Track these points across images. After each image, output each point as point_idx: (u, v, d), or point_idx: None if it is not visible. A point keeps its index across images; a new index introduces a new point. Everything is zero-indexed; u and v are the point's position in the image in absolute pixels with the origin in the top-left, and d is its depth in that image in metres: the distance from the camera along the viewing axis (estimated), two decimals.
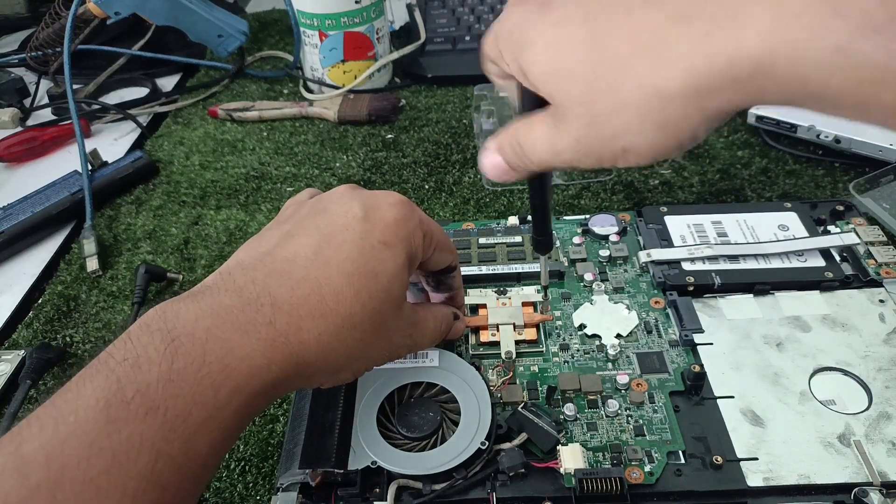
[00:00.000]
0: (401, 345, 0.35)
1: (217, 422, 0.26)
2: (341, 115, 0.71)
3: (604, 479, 0.33)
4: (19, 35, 0.94)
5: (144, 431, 0.24)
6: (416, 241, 0.33)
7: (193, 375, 0.26)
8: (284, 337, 0.28)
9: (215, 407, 0.26)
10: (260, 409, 0.29)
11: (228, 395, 0.26)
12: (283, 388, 0.29)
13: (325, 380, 0.33)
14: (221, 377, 0.26)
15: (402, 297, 0.33)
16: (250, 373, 0.27)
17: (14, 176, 0.69)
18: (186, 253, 0.56)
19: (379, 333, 0.32)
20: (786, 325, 0.42)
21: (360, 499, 0.34)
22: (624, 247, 0.48)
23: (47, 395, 0.45)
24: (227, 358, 0.27)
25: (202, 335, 0.27)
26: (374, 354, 0.33)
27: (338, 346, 0.30)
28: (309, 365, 0.29)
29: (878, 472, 0.34)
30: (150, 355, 0.26)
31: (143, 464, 0.24)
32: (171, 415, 0.25)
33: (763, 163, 0.60)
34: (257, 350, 0.27)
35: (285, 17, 0.91)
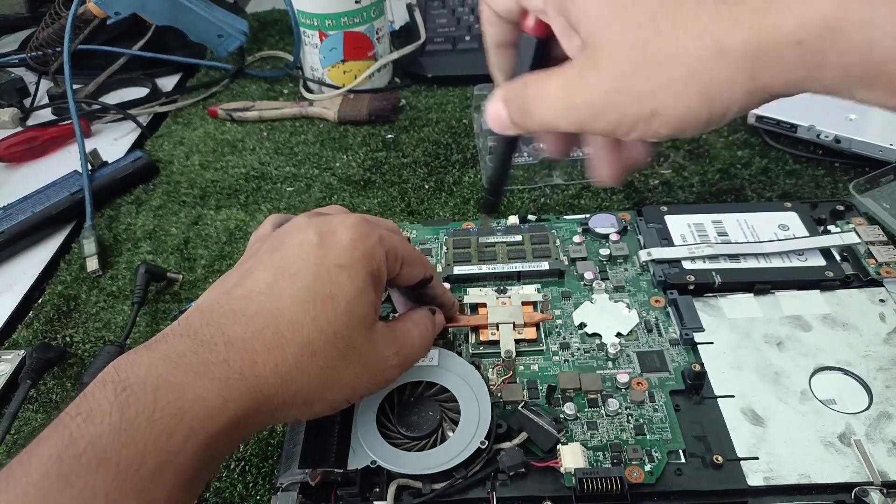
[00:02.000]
0: (385, 367, 0.33)
1: (172, 468, 0.25)
2: (341, 115, 0.71)
3: (604, 479, 0.33)
4: (19, 35, 0.94)
5: (97, 484, 0.24)
6: (378, 259, 0.32)
7: (145, 423, 0.25)
8: (239, 374, 0.28)
9: (169, 453, 0.25)
10: (223, 451, 0.28)
11: (183, 439, 0.26)
12: (247, 428, 0.28)
13: (297, 414, 0.31)
14: (174, 421, 0.26)
15: (368, 318, 0.31)
16: (206, 414, 0.26)
17: (14, 176, 0.69)
18: (186, 253, 0.56)
19: (347, 358, 0.30)
20: (786, 325, 0.42)
21: (360, 498, 0.34)
22: (624, 246, 0.48)
23: (47, 394, 0.46)
24: (180, 401, 0.26)
25: (154, 382, 0.26)
26: (348, 381, 0.31)
27: (298, 375, 0.29)
28: (269, 399, 0.28)
29: (878, 472, 0.34)
30: (102, 407, 0.25)
31: None
32: (124, 464, 0.24)
33: (763, 163, 0.60)
34: (212, 390, 0.27)
35: (285, 17, 0.91)
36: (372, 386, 0.33)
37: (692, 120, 0.25)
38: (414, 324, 0.36)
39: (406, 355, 0.34)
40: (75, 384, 0.46)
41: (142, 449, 0.25)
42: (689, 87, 0.24)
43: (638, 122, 0.26)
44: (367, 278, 0.31)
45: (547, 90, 0.28)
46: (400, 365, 0.34)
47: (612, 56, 0.25)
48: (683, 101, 0.24)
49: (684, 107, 0.24)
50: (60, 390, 0.46)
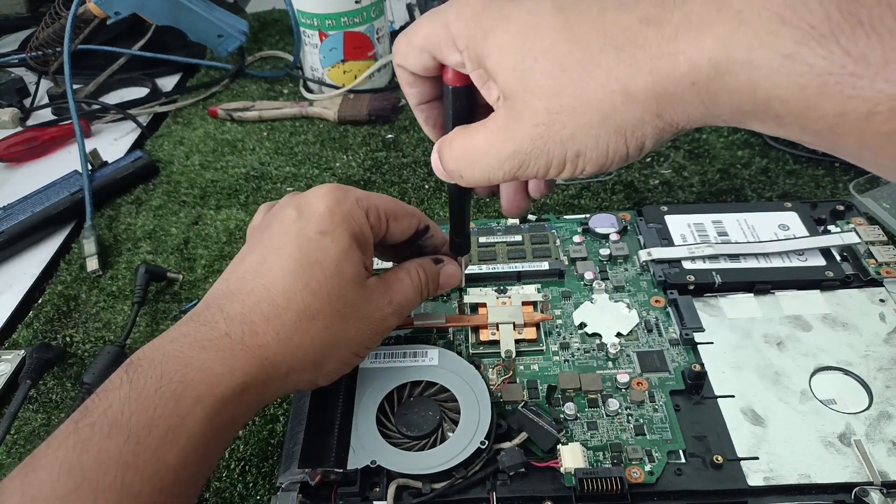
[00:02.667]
0: (382, 317, 0.35)
1: (184, 430, 0.27)
2: (341, 114, 0.71)
3: (604, 479, 0.33)
4: (19, 35, 0.94)
5: (110, 447, 0.26)
6: (358, 219, 0.34)
7: (154, 391, 0.28)
8: (242, 344, 0.30)
9: (178, 416, 0.27)
10: (236, 418, 0.30)
11: (192, 404, 0.28)
12: (258, 393, 0.30)
13: (310, 376, 0.33)
14: (181, 388, 0.28)
15: (359, 275, 0.33)
16: (212, 381, 0.29)
17: (14, 176, 0.69)
18: (186, 253, 0.56)
19: (346, 316, 0.32)
20: (786, 325, 0.42)
21: (360, 498, 0.34)
22: (624, 246, 0.48)
23: (47, 394, 0.46)
24: (187, 371, 0.28)
25: (161, 358, 0.29)
26: (352, 336, 0.33)
27: (300, 339, 0.31)
28: (276, 364, 0.31)
29: (878, 472, 0.34)
30: (114, 383, 0.28)
31: (111, 478, 0.25)
32: (135, 429, 0.26)
33: (763, 163, 0.60)
34: (216, 360, 0.29)
35: (285, 17, 0.91)
36: (374, 337, 0.35)
37: (613, 156, 0.27)
38: (405, 272, 0.37)
39: (400, 303, 0.35)
40: (75, 384, 0.46)
41: (151, 414, 0.27)
42: (605, 129, 0.26)
43: (565, 163, 0.27)
44: (349, 239, 0.33)
45: (474, 147, 0.29)
46: (395, 313, 0.35)
47: (531, 106, 0.27)
48: (603, 141, 0.26)
49: (604, 146, 0.26)
50: (60, 390, 0.46)
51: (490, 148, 0.28)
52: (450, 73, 0.30)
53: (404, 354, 0.40)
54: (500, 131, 0.28)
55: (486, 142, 0.29)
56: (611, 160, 0.27)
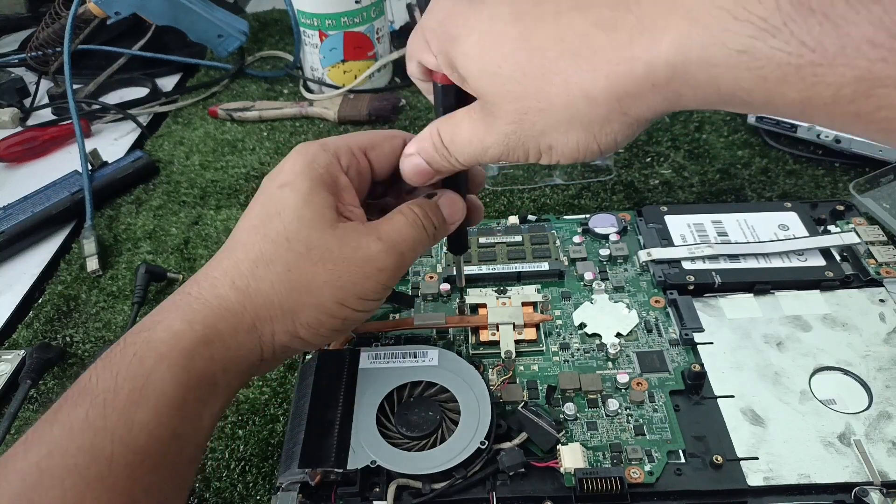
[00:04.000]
0: (369, 255, 0.32)
1: (151, 388, 0.28)
2: (341, 115, 0.71)
3: (604, 479, 0.33)
4: (19, 35, 0.94)
5: (78, 412, 0.27)
6: (322, 163, 0.33)
7: (119, 354, 0.29)
8: (200, 299, 0.31)
9: (143, 376, 0.28)
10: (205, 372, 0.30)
11: (154, 362, 0.28)
12: (225, 346, 0.30)
13: (284, 326, 0.31)
14: (144, 348, 0.29)
15: (324, 217, 0.32)
16: (172, 338, 0.29)
17: (14, 176, 0.69)
18: (186, 253, 0.56)
19: (312, 258, 0.31)
20: (786, 325, 0.42)
21: (360, 498, 0.34)
22: (624, 246, 0.48)
23: (47, 394, 0.46)
24: (149, 333, 0.30)
25: (130, 330, 0.30)
26: (324, 279, 0.31)
27: (258, 284, 0.31)
28: (237, 314, 0.31)
29: (878, 472, 0.34)
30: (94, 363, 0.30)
31: (80, 441, 0.26)
32: (101, 392, 0.27)
33: (763, 163, 0.60)
34: (176, 318, 0.30)
35: (285, 17, 0.91)
36: (360, 279, 0.32)
37: (584, 150, 0.28)
38: (397, 211, 0.34)
39: (393, 238, 0.32)
40: None
41: (115, 375, 0.28)
42: (573, 127, 0.27)
43: (541, 153, 0.29)
44: (311, 184, 0.32)
45: (462, 133, 0.30)
46: (392, 249, 0.32)
47: (502, 108, 0.28)
48: (572, 138, 0.27)
49: (573, 142, 0.27)
50: (60, 390, 0.46)
51: (473, 137, 0.30)
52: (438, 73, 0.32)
53: (404, 355, 0.40)
54: (480, 123, 0.29)
55: (469, 130, 0.30)
56: (583, 154, 0.28)
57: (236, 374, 0.31)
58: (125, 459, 0.26)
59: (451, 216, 0.36)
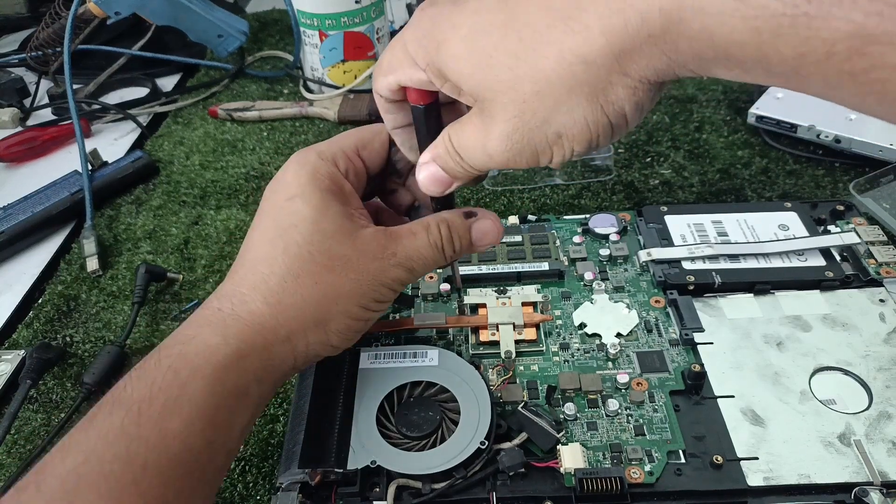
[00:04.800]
0: (385, 267, 0.32)
1: (185, 399, 0.28)
2: (341, 114, 0.71)
3: (604, 479, 0.33)
4: (19, 35, 0.94)
5: (113, 420, 0.27)
6: (325, 173, 0.33)
7: (154, 366, 0.29)
8: (233, 315, 0.31)
9: (178, 387, 0.29)
10: (239, 384, 0.30)
11: (189, 374, 0.29)
12: (261, 359, 0.31)
13: (317, 337, 0.32)
14: (179, 362, 0.29)
15: (342, 227, 0.32)
16: (207, 352, 0.30)
17: (14, 176, 0.69)
18: (186, 253, 0.56)
19: (335, 269, 0.32)
20: (786, 325, 0.42)
21: (360, 498, 0.34)
22: (624, 246, 0.48)
23: (47, 394, 0.46)
24: (184, 347, 0.30)
25: (165, 343, 0.31)
26: (349, 289, 0.32)
27: (290, 299, 0.31)
28: (272, 329, 0.31)
29: (878, 472, 0.34)
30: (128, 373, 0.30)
31: (116, 448, 0.27)
32: (136, 402, 0.28)
33: (763, 163, 0.60)
34: (211, 333, 0.30)
35: (285, 17, 0.91)
36: (379, 288, 0.33)
37: (595, 128, 0.26)
38: (422, 226, 0.34)
39: (408, 256, 0.33)
40: (75, 384, 0.46)
41: (150, 386, 0.28)
42: (575, 101, 0.25)
43: (551, 147, 0.27)
44: (322, 195, 0.32)
45: (468, 140, 0.29)
46: (400, 265, 0.33)
47: (499, 103, 0.27)
48: (579, 115, 0.26)
49: (581, 118, 0.26)
50: (60, 390, 0.46)
51: (477, 143, 0.29)
52: (413, 94, 0.31)
53: (404, 355, 0.40)
54: (481, 130, 0.28)
55: (473, 137, 0.29)
56: (595, 133, 0.26)
57: (269, 384, 0.32)
58: (158, 467, 0.27)
59: (480, 243, 0.35)
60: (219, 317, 0.31)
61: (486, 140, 0.28)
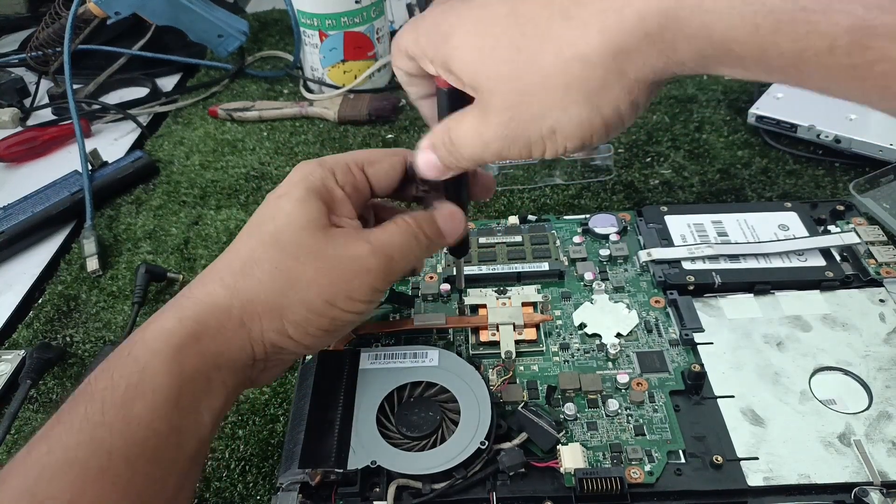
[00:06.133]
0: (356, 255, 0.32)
1: (146, 384, 0.29)
2: (341, 115, 0.71)
3: (604, 479, 0.33)
4: (19, 35, 0.94)
5: (78, 410, 0.28)
6: (318, 176, 0.33)
7: (116, 357, 0.30)
8: (191, 298, 0.32)
9: (138, 372, 0.29)
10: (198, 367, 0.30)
11: (148, 358, 0.29)
12: (214, 341, 0.31)
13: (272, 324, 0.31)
14: (138, 348, 0.30)
15: (316, 221, 0.32)
16: (164, 334, 0.30)
17: (14, 176, 0.69)
18: (186, 253, 0.56)
19: (300, 258, 0.31)
20: (786, 325, 0.42)
21: (360, 498, 0.34)
22: (624, 246, 0.48)
23: (47, 394, 0.46)
24: (144, 333, 0.31)
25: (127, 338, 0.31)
26: (311, 278, 0.31)
27: (246, 281, 0.31)
28: (225, 309, 0.31)
29: (878, 472, 0.34)
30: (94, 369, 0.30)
31: (81, 436, 0.27)
32: (99, 391, 0.28)
33: (763, 163, 0.60)
34: (168, 317, 0.31)
35: (285, 17, 0.91)
36: (349, 278, 0.32)
37: (589, 127, 0.27)
38: (392, 220, 0.34)
39: (384, 241, 0.33)
40: (75, 384, 0.46)
41: (112, 374, 0.29)
42: (571, 99, 0.26)
43: (544, 141, 0.28)
44: (305, 192, 0.33)
45: (464, 129, 0.30)
46: (378, 251, 0.32)
47: (496, 92, 0.27)
48: (573, 112, 0.26)
49: (576, 116, 0.26)
50: (60, 390, 0.46)
51: (474, 131, 0.29)
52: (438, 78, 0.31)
53: (404, 355, 0.40)
54: (478, 118, 0.29)
55: (471, 127, 0.29)
56: (589, 131, 0.27)
57: (229, 371, 0.32)
58: (124, 452, 0.27)
59: (449, 229, 0.36)
60: (178, 302, 0.32)
61: (482, 128, 0.29)
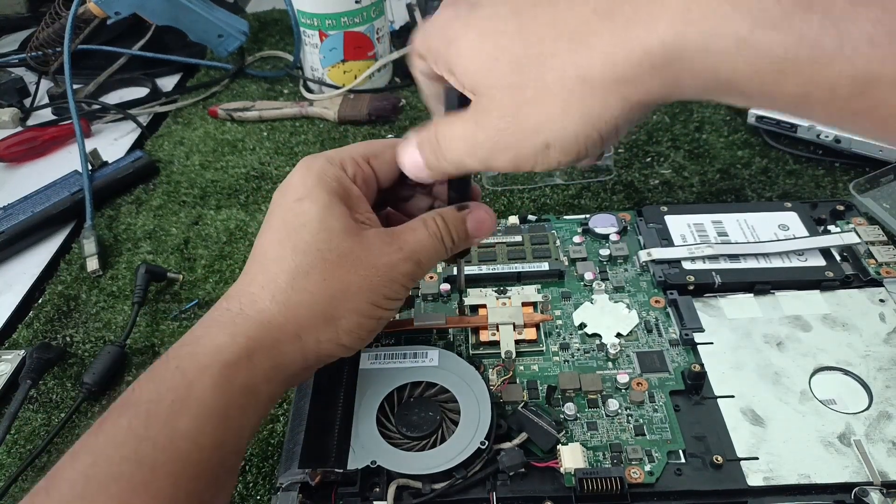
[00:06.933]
0: (391, 262, 0.33)
1: (193, 399, 0.28)
2: (341, 114, 0.71)
3: (604, 479, 0.33)
4: (19, 35, 0.94)
5: (122, 423, 0.28)
6: (332, 176, 0.33)
7: (162, 367, 0.29)
8: (241, 314, 0.31)
9: (185, 387, 0.29)
10: (248, 383, 0.30)
11: (197, 373, 0.29)
12: (269, 357, 0.31)
13: (327, 335, 0.32)
14: (187, 361, 0.29)
15: (348, 227, 0.32)
16: (215, 350, 0.30)
17: (14, 176, 0.69)
18: (186, 253, 0.56)
19: (344, 265, 0.32)
20: (786, 325, 0.42)
21: (360, 498, 0.34)
22: (624, 246, 0.48)
23: (47, 394, 0.46)
24: (192, 347, 0.30)
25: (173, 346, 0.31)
26: (359, 285, 0.32)
27: (299, 296, 0.31)
28: (280, 326, 0.31)
29: (878, 472, 0.34)
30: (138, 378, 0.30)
31: (125, 450, 0.27)
32: (144, 403, 0.28)
33: (763, 163, 0.60)
34: (219, 332, 0.31)
35: (285, 17, 0.91)
36: (390, 284, 0.33)
37: (584, 143, 0.27)
38: (420, 221, 0.35)
39: (413, 248, 0.33)
40: (75, 384, 0.46)
41: (158, 387, 0.29)
42: (569, 116, 0.26)
43: (536, 155, 0.28)
44: (328, 197, 0.33)
45: (453, 131, 0.30)
46: (408, 259, 0.33)
47: (495, 100, 0.28)
48: (570, 129, 0.26)
49: (573, 133, 0.26)
50: (60, 390, 0.46)
51: (464, 134, 0.29)
52: None
53: (404, 355, 0.40)
54: (472, 121, 0.29)
55: (462, 128, 0.30)
56: (582, 147, 0.27)
57: (278, 383, 0.32)
58: (168, 467, 0.27)
59: (477, 233, 0.36)
60: (227, 316, 0.31)
61: (472, 133, 0.29)
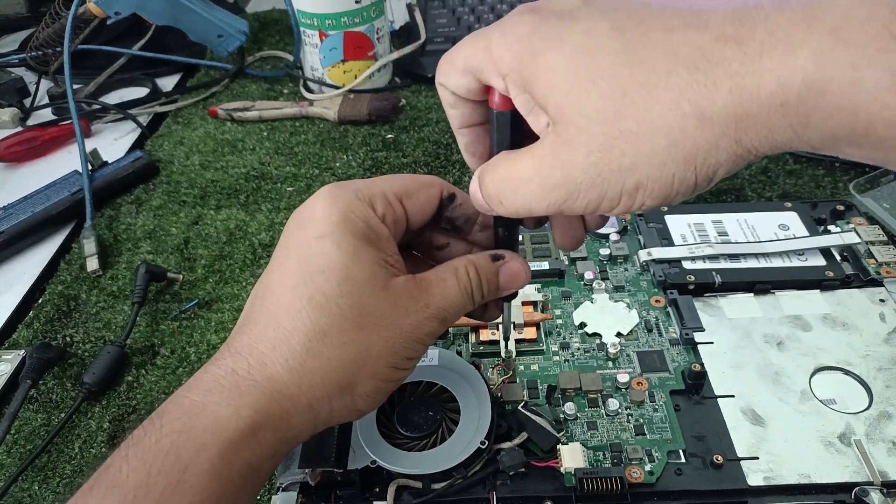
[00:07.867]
0: (416, 321, 0.29)
1: (186, 487, 0.25)
2: (341, 114, 0.71)
3: (604, 479, 0.33)
4: (19, 35, 0.94)
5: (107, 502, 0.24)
6: (361, 213, 0.29)
7: (154, 444, 0.26)
8: (249, 379, 0.27)
9: (179, 471, 0.25)
10: (250, 461, 0.27)
11: (193, 455, 0.25)
12: (276, 431, 0.27)
13: (342, 403, 0.29)
14: (183, 438, 0.26)
15: (375, 277, 0.28)
16: (216, 426, 0.26)
17: (14, 176, 0.69)
18: (186, 253, 0.56)
19: (366, 327, 0.28)
20: (786, 325, 0.42)
21: (360, 498, 0.34)
22: (624, 245, 0.48)
23: (47, 394, 0.46)
24: (189, 418, 0.26)
25: (167, 407, 0.27)
26: (381, 349, 0.28)
27: (314, 363, 0.27)
28: (292, 397, 0.27)
29: (878, 472, 0.34)
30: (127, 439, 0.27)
31: None
32: (132, 489, 0.25)
33: (763, 162, 0.60)
34: (221, 402, 0.27)
35: (285, 17, 0.91)
36: (413, 345, 0.29)
37: (679, 187, 0.24)
38: (451, 271, 0.31)
39: (441, 306, 0.30)
40: (75, 384, 0.46)
41: (149, 470, 0.25)
42: (672, 156, 0.23)
43: (621, 196, 0.25)
44: (354, 241, 0.29)
45: (518, 173, 0.26)
46: (434, 317, 0.30)
47: (586, 130, 0.24)
48: (669, 171, 0.23)
49: (670, 175, 0.24)
50: (60, 390, 0.46)
51: (535, 174, 0.25)
52: (496, 97, 0.27)
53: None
54: (547, 157, 0.25)
55: (531, 167, 0.26)
56: (675, 191, 0.24)
57: (282, 456, 0.29)
58: None
59: (508, 286, 0.32)
60: (232, 381, 0.27)
61: (551, 171, 0.25)
